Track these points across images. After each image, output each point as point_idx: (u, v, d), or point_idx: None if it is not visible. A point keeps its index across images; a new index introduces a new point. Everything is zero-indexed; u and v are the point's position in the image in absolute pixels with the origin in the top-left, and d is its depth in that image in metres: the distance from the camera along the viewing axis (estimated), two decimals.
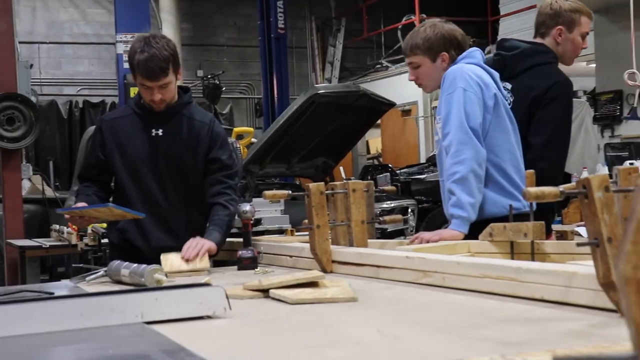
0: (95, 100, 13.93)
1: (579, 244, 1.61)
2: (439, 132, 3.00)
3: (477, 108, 2.87)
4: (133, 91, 7.61)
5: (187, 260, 2.84)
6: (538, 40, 3.52)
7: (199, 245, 2.89)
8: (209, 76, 12.89)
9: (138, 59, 2.98)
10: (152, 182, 3.11)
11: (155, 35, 3.11)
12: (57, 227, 5.88)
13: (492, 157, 2.91)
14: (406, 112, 14.39)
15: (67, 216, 3.13)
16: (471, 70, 2.94)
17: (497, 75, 3.05)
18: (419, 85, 3.18)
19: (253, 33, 14.08)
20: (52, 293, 2.22)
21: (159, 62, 2.97)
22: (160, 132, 3.13)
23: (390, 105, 6.59)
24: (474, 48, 3.13)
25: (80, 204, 3.01)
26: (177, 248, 2.92)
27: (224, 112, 14.86)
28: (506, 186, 2.93)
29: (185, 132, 3.16)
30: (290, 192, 2.93)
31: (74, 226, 4.90)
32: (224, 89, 13.65)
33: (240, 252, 2.91)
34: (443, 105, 2.93)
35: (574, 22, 3.45)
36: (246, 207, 3.05)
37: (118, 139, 3.13)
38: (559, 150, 3.39)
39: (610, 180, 1.62)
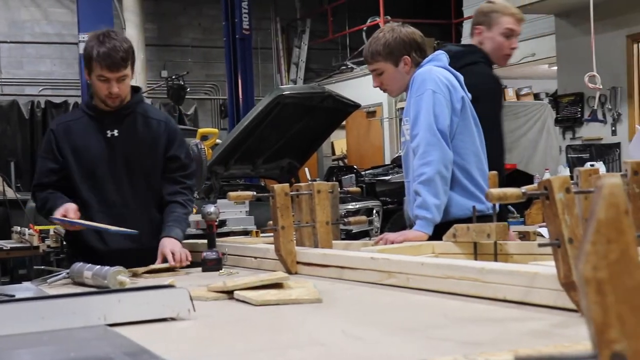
0: (57, 100, 13.78)
1: (540, 245, 1.63)
2: (406, 133, 3.02)
3: (445, 110, 2.90)
4: None
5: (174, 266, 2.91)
6: (471, 41, 3.63)
7: (177, 247, 2.95)
8: (174, 77, 12.80)
9: (99, 50, 2.94)
10: (110, 184, 3.08)
11: (112, 30, 3.09)
12: (18, 228, 5.79)
13: (458, 159, 2.93)
14: (371, 114, 14.44)
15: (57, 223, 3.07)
16: (440, 73, 2.97)
17: (462, 78, 3.08)
18: (384, 91, 3.20)
19: (218, 34, 14.01)
20: (13, 295, 2.19)
21: (121, 52, 2.96)
22: (115, 132, 3.10)
23: (355, 106, 6.61)
24: (440, 51, 3.16)
25: (75, 219, 2.89)
26: (137, 250, 2.96)
27: (188, 113, 14.78)
28: (471, 189, 2.96)
29: (142, 131, 3.14)
30: (254, 193, 2.93)
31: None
32: (188, 89, 13.57)
33: (204, 254, 2.89)
34: (412, 107, 2.95)
35: (492, 21, 3.54)
36: (211, 208, 3.04)
37: (73, 143, 3.08)
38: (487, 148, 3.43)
39: (572, 181, 1.64)
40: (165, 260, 2.91)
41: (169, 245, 2.95)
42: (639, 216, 2.12)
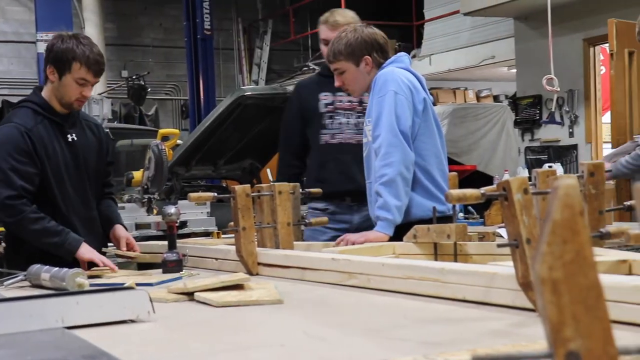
0: (15, 100, 13.52)
1: (499, 245, 1.65)
2: (368, 134, 3.03)
3: (407, 111, 2.92)
4: None
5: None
6: None
7: (131, 238, 3.09)
8: (134, 77, 12.69)
9: (86, 54, 2.91)
10: (75, 189, 3.07)
11: (81, 34, 3.11)
12: None
13: (419, 160, 2.96)
14: None
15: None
16: (402, 74, 2.98)
17: (424, 80, 3.11)
18: (346, 91, 3.22)
19: (179, 34, 13.93)
20: None
21: (103, 58, 3.00)
22: (74, 136, 3.08)
23: None
24: (402, 53, 3.19)
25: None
26: (99, 249, 2.97)
27: (149, 113, 14.66)
28: (432, 189, 2.98)
29: (90, 135, 3.16)
30: (216, 194, 2.91)
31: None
32: (149, 90, 13.45)
33: (165, 255, 2.87)
34: (374, 108, 2.96)
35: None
36: (171, 209, 3.02)
37: (45, 147, 3.01)
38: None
39: (530, 182, 1.66)
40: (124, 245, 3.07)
41: (128, 234, 3.11)
42: (596, 217, 2.16)
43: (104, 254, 2.98)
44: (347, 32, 3.10)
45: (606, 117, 9.01)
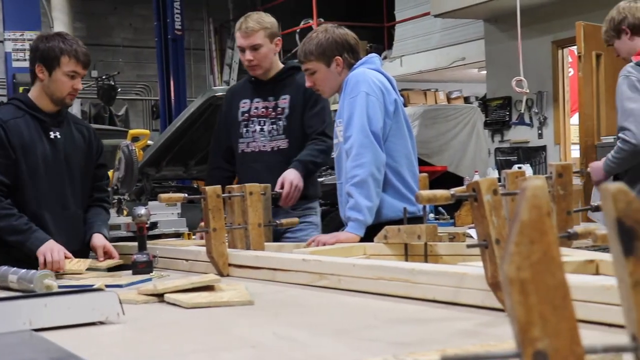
0: None
1: (469, 246, 1.66)
2: (339, 135, 3.04)
3: (379, 112, 2.93)
4: (22, 90, 7.32)
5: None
6: None
7: (109, 247, 3.05)
8: (104, 77, 12.61)
9: (74, 48, 3.02)
10: (51, 185, 3.07)
11: (62, 32, 3.24)
12: None
13: (390, 161, 2.97)
14: None
15: None
16: (373, 75, 2.99)
17: (394, 81, 3.12)
18: (317, 91, 3.21)
19: (149, 34, 13.85)
20: None
21: (88, 51, 3.11)
22: (58, 134, 3.12)
23: None
24: (373, 54, 3.20)
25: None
26: (82, 251, 3.00)
27: (119, 113, 14.56)
28: (403, 190, 3.00)
29: (77, 136, 3.20)
30: (186, 195, 2.89)
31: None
32: (119, 90, 13.38)
33: (135, 257, 2.85)
34: (345, 109, 2.97)
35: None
36: (141, 210, 3.00)
37: (21, 140, 3.03)
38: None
39: (499, 183, 1.67)
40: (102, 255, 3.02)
41: (106, 242, 3.06)
42: (564, 217, 2.18)
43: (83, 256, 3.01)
44: (318, 33, 3.11)
45: (574, 119, 9.11)
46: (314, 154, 3.47)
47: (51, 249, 2.85)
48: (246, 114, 3.65)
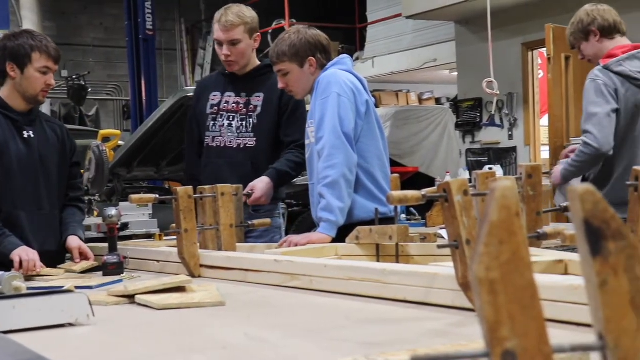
0: None
1: (439, 246, 1.67)
2: (311, 136, 3.04)
3: (350, 113, 2.93)
4: None
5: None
6: None
7: (85, 248, 3.01)
8: (74, 77, 12.50)
9: (44, 44, 3.00)
10: (26, 185, 3.04)
11: (29, 29, 3.16)
12: None
13: (362, 162, 2.98)
14: None
15: None
16: (345, 76, 3.00)
17: (366, 82, 3.13)
18: (289, 92, 3.21)
19: (120, 34, 13.75)
20: None
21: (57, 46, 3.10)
22: (31, 134, 3.09)
23: None
24: (344, 55, 3.21)
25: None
26: (46, 252, 2.93)
27: (90, 114, 14.44)
28: (374, 191, 3.01)
29: (51, 134, 3.17)
30: (157, 195, 2.88)
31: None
32: (90, 90, 13.27)
33: (105, 258, 2.84)
34: (317, 110, 2.97)
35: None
36: (112, 211, 2.98)
37: None
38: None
39: (470, 184, 1.69)
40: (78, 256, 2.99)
41: (82, 243, 3.03)
42: (533, 218, 2.20)
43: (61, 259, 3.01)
44: (290, 34, 3.11)
45: (544, 120, 9.20)
46: (291, 165, 3.45)
47: (25, 251, 2.83)
48: (215, 107, 3.60)
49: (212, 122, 3.59)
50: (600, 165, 3.55)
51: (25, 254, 2.81)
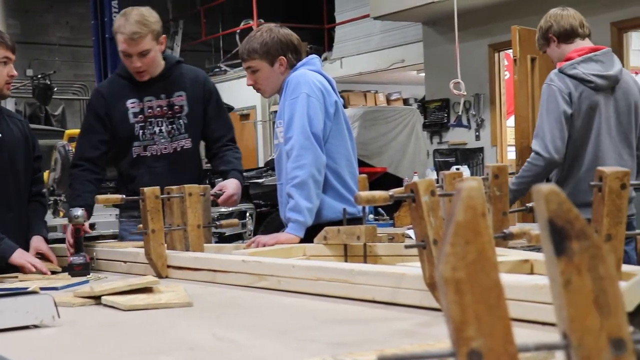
0: None
1: (407, 247, 1.68)
2: (280, 136, 3.04)
3: (319, 114, 2.94)
4: None
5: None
6: None
7: (46, 250, 2.96)
8: (40, 76, 12.36)
9: (1, 35, 2.95)
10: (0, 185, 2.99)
11: None
12: None
13: (330, 163, 2.98)
14: (245, 117, 14.42)
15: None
16: (314, 76, 3.00)
17: (334, 82, 3.14)
18: (258, 90, 3.20)
19: (87, 33, 13.62)
20: None
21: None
22: (1, 134, 3.02)
23: (229, 109, 6.57)
24: (314, 55, 3.21)
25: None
26: (27, 250, 2.91)
27: (55, 113, 14.29)
28: (342, 192, 3.02)
29: (15, 130, 3.09)
30: (124, 196, 2.86)
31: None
32: (55, 89, 13.13)
33: (71, 259, 2.81)
34: (286, 110, 2.97)
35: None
36: (78, 211, 2.95)
37: None
38: None
39: (437, 184, 1.70)
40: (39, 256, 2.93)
41: (42, 244, 2.97)
42: (500, 218, 2.22)
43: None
44: (262, 32, 3.09)
45: (510, 121, 9.28)
46: (240, 162, 3.45)
47: (25, 255, 2.83)
48: (140, 115, 3.38)
49: (141, 131, 3.39)
50: (558, 169, 3.61)
51: (29, 258, 2.81)
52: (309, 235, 2.78)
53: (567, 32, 3.63)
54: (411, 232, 3.27)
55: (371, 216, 5.34)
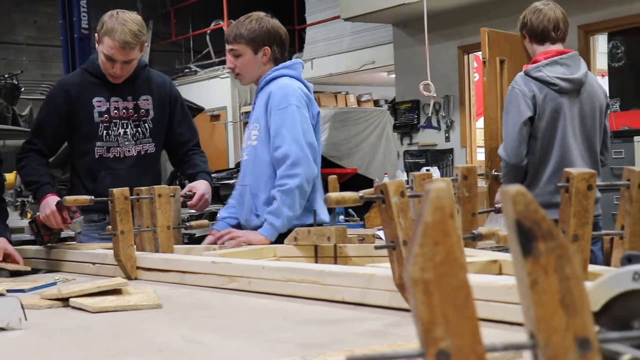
0: None
1: (377, 247, 1.68)
2: (252, 138, 3.04)
3: (309, 125, 2.95)
4: None
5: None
6: None
7: (9, 250, 2.92)
8: (6, 75, 12.20)
9: None
10: None
11: None
12: None
13: None
14: (215, 117, 14.37)
15: None
16: (299, 87, 3.01)
17: (312, 88, 3.15)
18: (236, 76, 3.17)
19: (55, 32, 13.49)
20: None
21: None
22: None
23: (199, 110, 6.55)
24: (297, 60, 3.18)
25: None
26: None
27: (23, 113, 14.09)
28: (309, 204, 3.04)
29: None
30: (92, 197, 2.83)
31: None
32: (23, 89, 12.97)
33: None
34: (273, 120, 2.95)
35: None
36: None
37: None
38: None
39: (407, 185, 1.70)
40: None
41: (10, 245, 2.94)
42: (469, 218, 2.23)
43: None
44: (252, 19, 3.08)
45: (480, 123, 9.35)
46: (207, 166, 3.47)
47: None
48: (105, 115, 3.36)
49: (105, 132, 3.36)
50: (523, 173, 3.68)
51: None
52: (279, 236, 2.78)
53: (538, 35, 3.68)
54: (381, 233, 3.27)
55: (342, 217, 5.36)
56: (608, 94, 3.95)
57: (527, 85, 3.58)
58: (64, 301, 1.99)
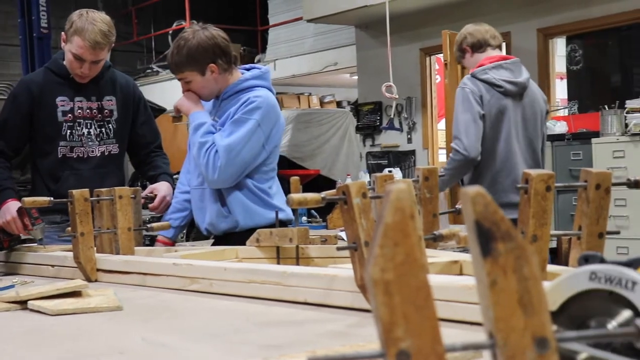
0: None
1: (339, 248, 1.69)
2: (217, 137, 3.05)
3: (257, 147, 3.02)
4: None
5: None
6: None
7: None
8: None
9: None
10: None
11: None
12: None
13: (262, 185, 3.03)
14: (177, 118, 14.24)
15: None
16: (273, 104, 3.04)
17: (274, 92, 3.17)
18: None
19: (13, 31, 13.29)
20: None
21: None
22: None
23: (161, 110, 6.52)
24: (266, 68, 3.14)
25: None
26: None
27: None
28: (271, 202, 3.05)
29: None
30: (52, 198, 2.80)
31: None
32: None
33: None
34: (236, 117, 2.95)
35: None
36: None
37: None
38: None
39: (369, 187, 1.71)
40: None
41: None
42: (430, 219, 2.25)
43: None
44: (185, 39, 3.01)
45: (441, 124, 9.42)
46: (169, 167, 3.49)
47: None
48: (69, 115, 3.35)
49: (69, 131, 3.35)
50: (471, 170, 3.78)
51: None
52: (242, 238, 2.77)
53: (479, 43, 3.93)
54: (343, 234, 3.29)
55: (304, 218, 5.36)
56: (567, 97, 4.13)
57: (476, 86, 3.77)
58: (22, 304, 1.97)
